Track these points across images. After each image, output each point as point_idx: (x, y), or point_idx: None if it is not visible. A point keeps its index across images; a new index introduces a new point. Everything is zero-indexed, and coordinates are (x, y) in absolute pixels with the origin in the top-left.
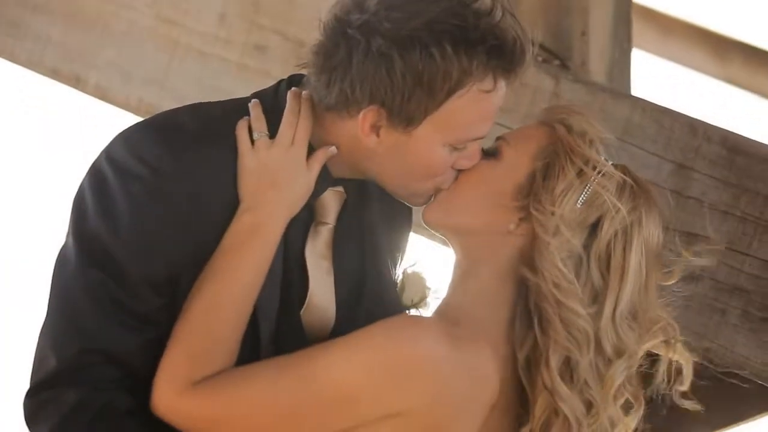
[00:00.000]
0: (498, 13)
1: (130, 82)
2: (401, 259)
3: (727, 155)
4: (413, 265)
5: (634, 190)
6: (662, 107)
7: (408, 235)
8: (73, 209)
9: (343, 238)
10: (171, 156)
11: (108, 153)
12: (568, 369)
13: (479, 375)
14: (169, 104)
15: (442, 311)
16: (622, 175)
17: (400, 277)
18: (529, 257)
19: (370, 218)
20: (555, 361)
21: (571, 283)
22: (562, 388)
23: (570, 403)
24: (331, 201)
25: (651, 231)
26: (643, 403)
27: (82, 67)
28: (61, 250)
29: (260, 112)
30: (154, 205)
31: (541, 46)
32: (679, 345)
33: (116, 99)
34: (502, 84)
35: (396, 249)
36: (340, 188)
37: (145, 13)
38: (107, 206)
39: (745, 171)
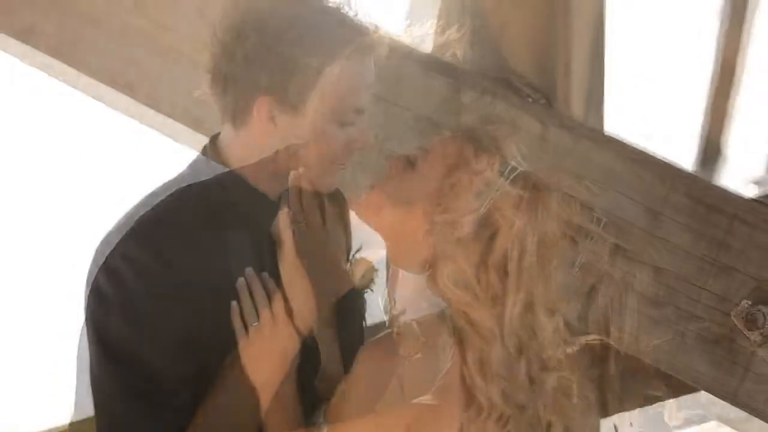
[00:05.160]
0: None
1: None
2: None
3: (690, 204)
4: (358, 250)
5: (531, 199)
6: (637, 155)
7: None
8: (90, 310)
9: None
10: (186, 250)
11: (123, 252)
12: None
13: None
14: None
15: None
16: (519, 191)
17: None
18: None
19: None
20: (471, 359)
21: (470, 299)
22: (478, 381)
23: (485, 392)
24: (286, 222)
25: (548, 229)
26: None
27: None
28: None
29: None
30: (179, 303)
31: (529, 85)
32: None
33: None
34: (365, 59)
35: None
36: (286, 209)
37: None
38: (132, 311)
39: (705, 219)
